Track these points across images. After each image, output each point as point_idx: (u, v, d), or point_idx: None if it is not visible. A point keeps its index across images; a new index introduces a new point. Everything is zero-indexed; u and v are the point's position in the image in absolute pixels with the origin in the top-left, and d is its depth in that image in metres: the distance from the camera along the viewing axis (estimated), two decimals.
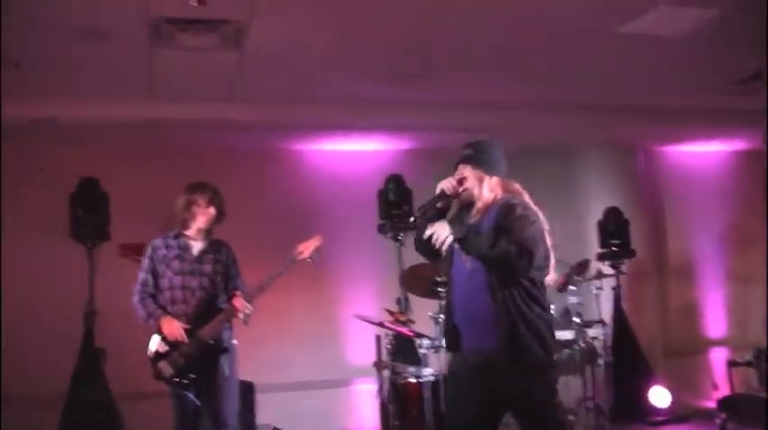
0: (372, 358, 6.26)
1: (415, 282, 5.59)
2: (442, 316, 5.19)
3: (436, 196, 3.92)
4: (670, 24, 5.67)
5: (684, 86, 6.98)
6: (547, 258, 3.78)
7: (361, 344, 6.43)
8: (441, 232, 3.68)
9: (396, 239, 6.94)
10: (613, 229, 7.87)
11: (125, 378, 6.39)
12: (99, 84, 6.44)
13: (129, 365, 3.72)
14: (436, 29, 5.66)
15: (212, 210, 5.20)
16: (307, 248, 5.12)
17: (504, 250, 3.58)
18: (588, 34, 5.80)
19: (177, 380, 4.92)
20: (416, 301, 6.43)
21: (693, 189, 8.74)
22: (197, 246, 5.21)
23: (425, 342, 5.61)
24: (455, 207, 3.97)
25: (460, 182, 3.94)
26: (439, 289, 5.19)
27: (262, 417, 6.63)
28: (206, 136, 7.30)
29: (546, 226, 3.83)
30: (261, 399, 6.58)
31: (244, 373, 5.32)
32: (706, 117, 7.86)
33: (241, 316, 5.00)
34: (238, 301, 4.99)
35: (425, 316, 5.98)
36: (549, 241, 3.83)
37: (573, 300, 6.66)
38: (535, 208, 3.87)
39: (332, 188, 7.77)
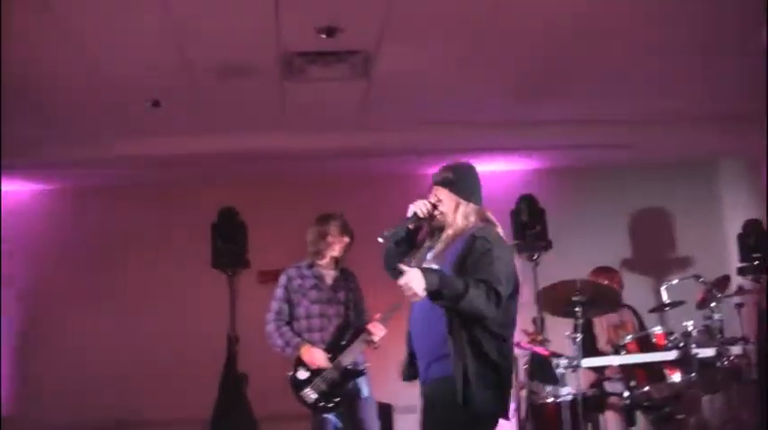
0: None
1: (551, 301, 5.53)
2: (579, 335, 5.13)
3: (408, 218, 3.75)
4: None
5: None
6: (513, 296, 3.61)
7: None
8: (414, 283, 3.33)
9: (530, 259, 6.90)
10: (754, 243, 7.56)
11: (266, 401, 6.56)
12: (234, 118, 6.72)
13: (269, 389, 3.84)
14: (565, 45, 5.64)
15: (346, 239, 5.37)
16: None
17: (475, 305, 3.35)
18: (723, 47, 5.68)
19: (322, 404, 5.06)
20: (552, 321, 6.37)
21: None
22: (330, 275, 5.38)
23: (563, 361, 5.56)
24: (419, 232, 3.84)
25: (435, 205, 3.75)
26: (575, 308, 5.14)
27: None
28: (336, 164, 7.47)
29: (516, 259, 3.73)
30: (398, 420, 6.64)
31: (382, 395, 5.42)
32: None
33: (376, 339, 5.13)
34: (375, 326, 5.12)
35: (561, 335, 5.92)
36: (518, 276, 3.67)
37: (714, 316, 6.44)
38: (505, 241, 3.71)
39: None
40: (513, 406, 6.15)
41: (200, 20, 5.06)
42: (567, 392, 5.57)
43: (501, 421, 3.59)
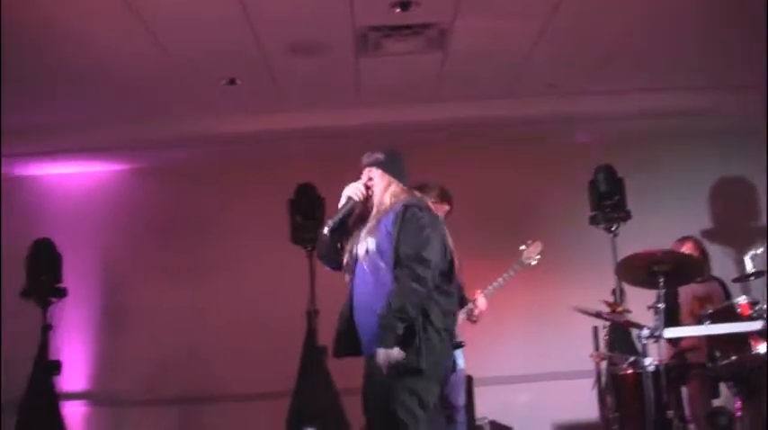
0: (588, 350, 6.21)
1: (631, 271, 5.48)
2: (661, 305, 5.07)
3: (346, 206, 3.98)
4: None
5: None
6: (450, 261, 3.96)
7: (576, 336, 6.37)
8: (382, 359, 3.66)
9: (608, 230, 6.83)
10: None
11: (347, 374, 6.63)
12: (310, 94, 6.77)
13: (350, 362, 3.93)
14: (642, 16, 5.56)
15: (446, 207, 5.39)
16: (533, 252, 5.30)
17: (414, 301, 3.67)
18: None
19: None
20: (632, 291, 6.31)
21: None
22: None
23: (644, 332, 5.51)
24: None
25: (368, 187, 3.99)
26: (658, 279, 5.09)
27: (479, 410, 6.72)
28: (413, 137, 7.47)
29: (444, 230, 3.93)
30: (478, 392, 6.66)
31: None
32: None
33: (477, 312, 5.20)
34: (481, 300, 5.18)
35: (641, 306, 5.85)
36: (449, 244, 3.99)
37: None
38: (434, 212, 3.98)
39: (543, 179, 7.77)
40: (593, 378, 6.23)
41: None
42: (649, 363, 5.53)
43: (578, 396, 3.68)
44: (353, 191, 4.00)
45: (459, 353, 5.31)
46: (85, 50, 5.66)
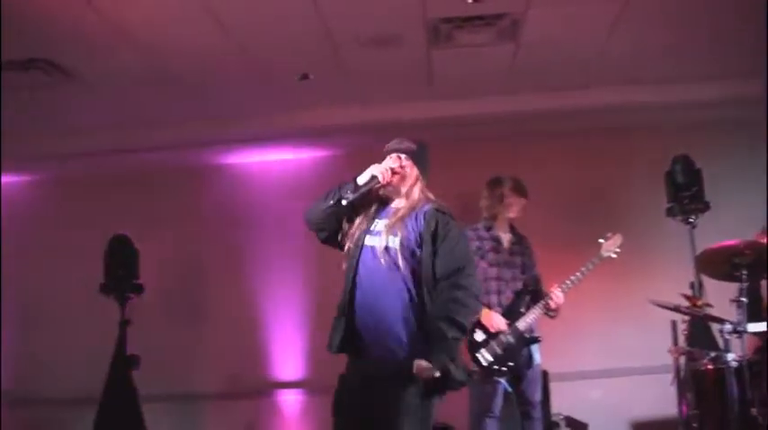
0: (667, 344, 6.09)
1: (711, 264, 5.36)
2: (744, 298, 4.93)
3: (369, 184, 3.73)
4: None
5: None
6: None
7: (654, 331, 6.25)
8: (426, 373, 3.46)
9: (686, 222, 6.68)
10: None
11: None
12: (383, 88, 6.77)
13: None
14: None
15: (523, 200, 5.38)
16: (612, 245, 5.25)
17: (470, 318, 3.62)
18: None
19: (496, 367, 5.09)
20: (710, 284, 6.17)
21: None
22: (506, 238, 5.43)
23: (727, 327, 5.38)
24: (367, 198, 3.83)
25: (395, 172, 3.77)
26: (741, 271, 4.96)
27: (555, 406, 6.64)
28: (485, 130, 7.42)
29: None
30: (553, 388, 6.59)
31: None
32: None
33: (553, 306, 5.16)
34: (558, 294, 5.14)
35: (722, 299, 5.72)
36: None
37: None
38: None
39: (618, 171, 7.65)
40: (671, 374, 6.10)
41: None
42: (731, 358, 5.39)
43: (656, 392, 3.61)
44: (381, 171, 3.76)
45: (535, 349, 5.28)
46: (165, 56, 5.81)
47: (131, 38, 5.54)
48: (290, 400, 7.73)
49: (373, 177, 3.72)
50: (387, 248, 3.63)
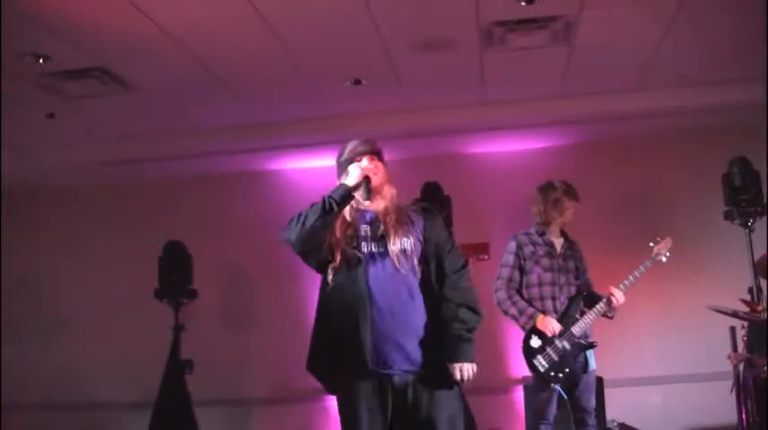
0: (725, 351, 5.99)
1: None
2: None
3: (359, 181, 3.48)
4: None
5: None
6: None
7: (712, 337, 6.15)
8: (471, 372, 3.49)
9: (744, 226, 6.56)
10: None
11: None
12: (435, 93, 6.76)
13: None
14: None
15: (577, 204, 5.37)
16: (663, 248, 5.20)
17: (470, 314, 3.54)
18: None
19: (552, 374, 5.05)
20: None
21: None
22: (559, 243, 5.40)
23: None
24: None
25: (374, 173, 3.56)
26: None
27: (610, 413, 6.56)
28: (540, 133, 7.38)
29: None
30: (608, 394, 6.51)
31: None
32: None
33: (615, 305, 5.12)
34: (619, 294, 5.09)
35: None
36: None
37: None
38: None
39: (674, 174, 7.56)
40: (730, 380, 6.00)
41: None
42: None
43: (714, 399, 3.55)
44: (370, 172, 3.54)
45: (590, 354, 5.21)
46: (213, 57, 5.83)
47: (180, 43, 5.57)
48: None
49: (366, 177, 3.51)
50: (405, 252, 3.51)
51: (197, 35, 5.49)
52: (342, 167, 3.68)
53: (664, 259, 5.42)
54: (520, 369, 6.89)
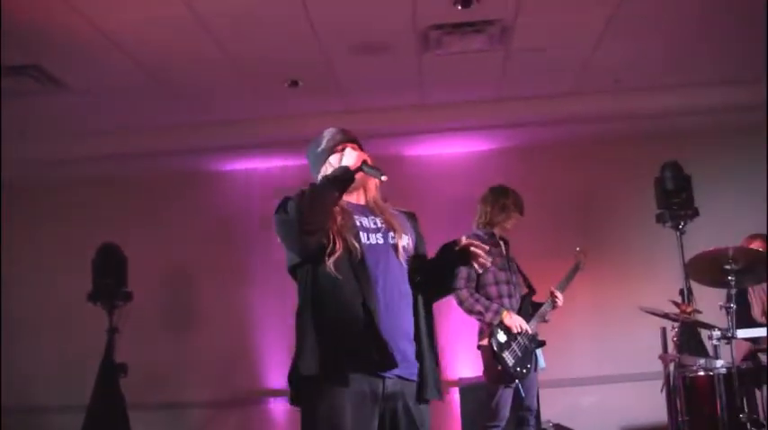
0: (657, 351, 6.09)
1: (701, 270, 5.36)
2: (732, 305, 4.95)
3: (357, 165, 3.21)
4: None
5: None
6: None
7: (644, 338, 6.25)
8: None
9: (676, 229, 6.69)
10: None
11: None
12: (373, 95, 6.78)
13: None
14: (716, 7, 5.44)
15: (520, 217, 5.43)
16: (583, 257, 5.36)
17: None
18: None
19: (518, 370, 5.10)
20: (699, 291, 6.18)
21: None
22: (503, 245, 5.43)
23: (716, 333, 5.39)
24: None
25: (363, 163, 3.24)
26: (729, 277, 4.97)
27: (544, 413, 6.62)
28: (477, 137, 7.44)
29: None
30: (543, 395, 6.58)
31: None
32: None
33: (549, 314, 5.17)
34: (559, 299, 5.16)
35: (711, 306, 5.72)
36: None
37: None
38: None
39: (607, 177, 7.67)
40: (661, 380, 6.10)
41: None
42: (720, 365, 5.39)
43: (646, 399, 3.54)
44: (352, 161, 3.24)
45: (539, 353, 5.29)
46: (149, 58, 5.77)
47: (119, 45, 5.52)
48: (281, 408, 7.68)
49: (364, 162, 3.24)
50: (404, 248, 3.25)
51: (133, 36, 5.44)
52: (320, 158, 3.41)
53: (581, 268, 5.58)
54: (455, 370, 6.95)
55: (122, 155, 7.47)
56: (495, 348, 5.12)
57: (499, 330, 5.16)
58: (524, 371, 5.13)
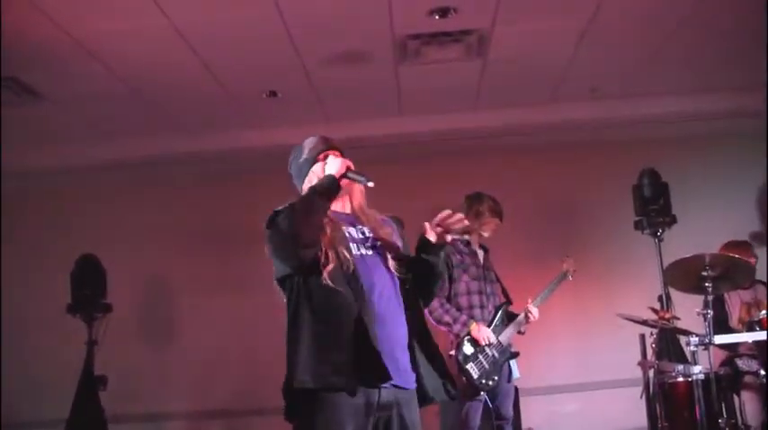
0: (636, 358, 6.12)
1: (679, 277, 5.39)
2: (709, 311, 4.97)
3: (343, 172, 3.17)
4: None
5: None
6: None
7: (623, 344, 6.28)
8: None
9: (654, 235, 6.73)
10: None
11: None
12: (351, 105, 6.79)
13: None
14: (686, 16, 5.49)
15: (499, 222, 5.41)
16: (570, 267, 5.36)
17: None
18: None
19: (483, 382, 5.09)
20: (677, 298, 6.21)
21: None
22: (480, 253, 5.43)
23: (693, 339, 5.42)
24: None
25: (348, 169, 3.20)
26: (706, 284, 5.00)
27: (525, 421, 6.64)
28: (455, 145, 7.44)
29: None
30: (523, 403, 6.59)
31: None
32: None
33: (531, 321, 5.18)
34: (534, 310, 5.17)
35: (689, 312, 5.76)
36: None
37: None
38: None
39: (586, 185, 7.66)
40: (641, 387, 6.13)
41: (311, 8, 5.12)
42: (698, 371, 5.42)
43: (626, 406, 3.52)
44: (337, 168, 3.19)
45: (513, 363, 5.29)
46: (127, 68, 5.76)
47: (97, 55, 5.51)
48: (262, 422, 7.63)
49: (348, 168, 3.21)
50: (391, 257, 3.21)
51: (111, 46, 5.43)
52: (303, 168, 3.37)
53: (570, 277, 5.57)
54: None
55: (101, 165, 7.44)
56: (460, 360, 5.11)
57: (466, 342, 5.15)
58: (490, 383, 5.11)
